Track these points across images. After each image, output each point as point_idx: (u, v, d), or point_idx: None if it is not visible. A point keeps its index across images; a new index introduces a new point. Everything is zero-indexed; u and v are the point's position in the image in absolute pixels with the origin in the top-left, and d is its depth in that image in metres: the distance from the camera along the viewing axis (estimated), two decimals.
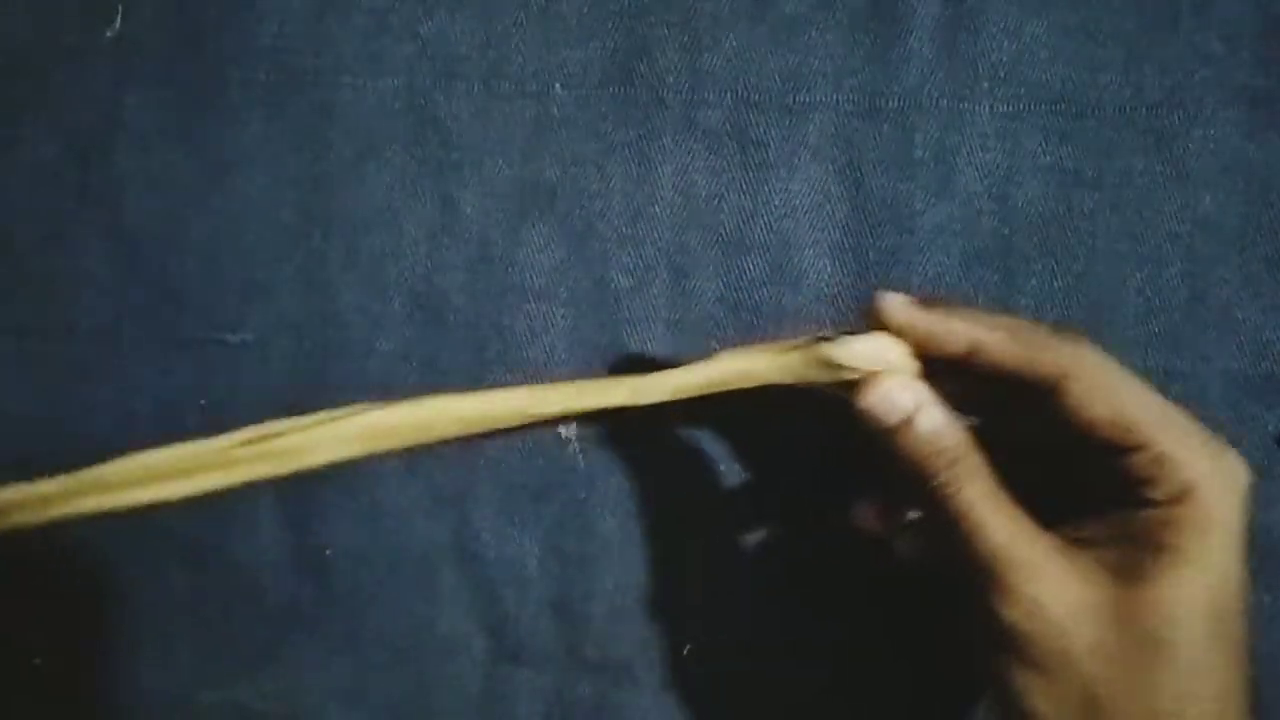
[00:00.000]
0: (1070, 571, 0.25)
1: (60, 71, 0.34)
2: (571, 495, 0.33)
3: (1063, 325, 0.28)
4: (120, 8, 0.34)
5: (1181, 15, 0.32)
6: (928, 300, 0.28)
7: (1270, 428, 0.32)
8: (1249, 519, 0.26)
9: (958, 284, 0.32)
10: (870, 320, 0.28)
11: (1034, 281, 0.32)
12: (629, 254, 0.33)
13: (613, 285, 0.33)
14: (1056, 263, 0.32)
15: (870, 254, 0.33)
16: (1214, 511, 0.25)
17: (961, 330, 0.27)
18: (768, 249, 0.33)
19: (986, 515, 0.26)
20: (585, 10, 0.33)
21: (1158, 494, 0.26)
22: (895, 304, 0.27)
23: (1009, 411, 0.28)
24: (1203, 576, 0.25)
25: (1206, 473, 0.25)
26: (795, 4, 0.33)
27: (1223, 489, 0.26)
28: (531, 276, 0.33)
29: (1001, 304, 0.32)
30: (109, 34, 0.34)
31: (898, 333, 0.27)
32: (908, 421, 0.27)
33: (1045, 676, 0.25)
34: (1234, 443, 0.32)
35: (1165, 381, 0.32)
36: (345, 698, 0.34)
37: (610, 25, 0.33)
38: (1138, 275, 0.32)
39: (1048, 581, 0.25)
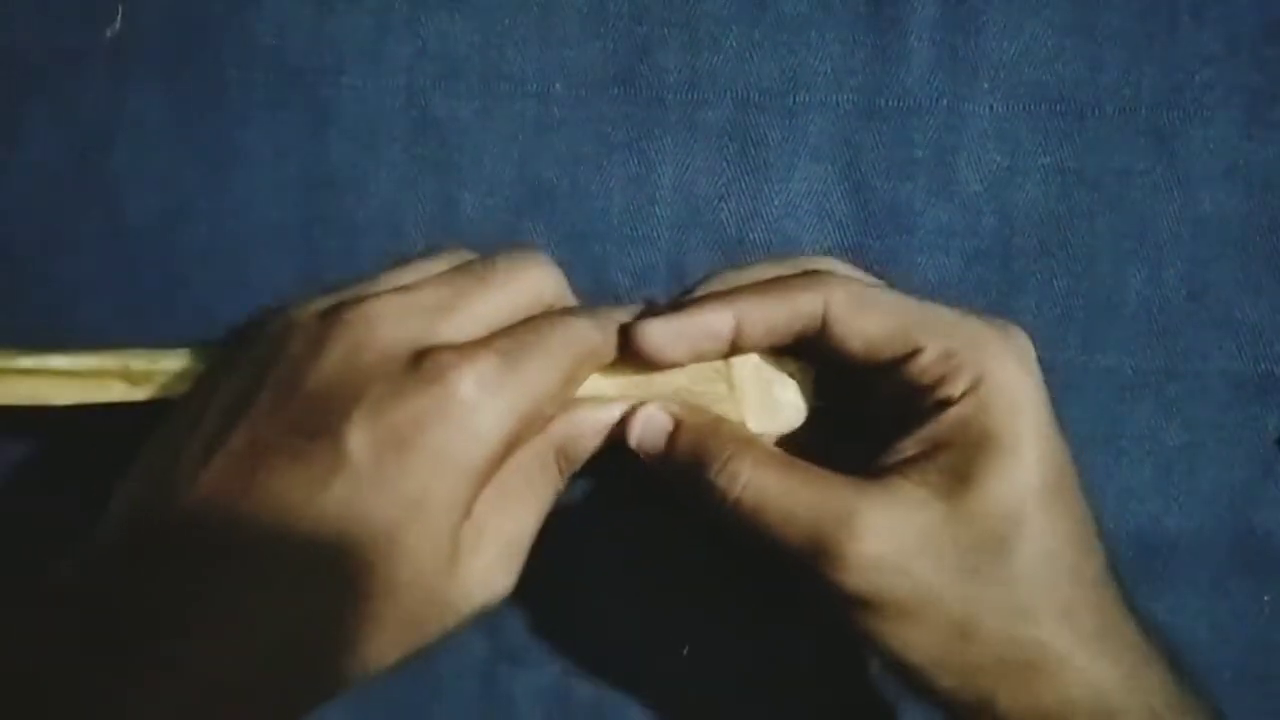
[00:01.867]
0: (893, 505, 0.24)
1: (60, 71, 0.34)
2: (570, 494, 0.33)
3: (807, 260, 0.28)
4: (120, 8, 0.34)
5: (1181, 15, 0.32)
6: (678, 303, 0.27)
7: (1270, 428, 0.32)
8: (1046, 386, 0.25)
9: (958, 284, 0.33)
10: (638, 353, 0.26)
11: (1034, 281, 0.32)
12: (629, 254, 0.33)
13: (613, 285, 0.33)
14: (1056, 263, 0.32)
15: (870, 254, 0.33)
16: (1013, 389, 0.24)
17: (720, 321, 0.26)
18: (768, 249, 0.33)
19: (787, 488, 0.25)
20: (585, 10, 0.33)
21: (953, 390, 0.24)
22: (655, 335, 0.26)
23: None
24: (1025, 459, 0.24)
25: (993, 354, 0.24)
26: (795, 4, 0.33)
27: (1014, 364, 0.25)
28: None
29: (1001, 304, 0.32)
30: (109, 34, 0.34)
31: (668, 360, 0.26)
32: (675, 434, 0.26)
33: (909, 621, 0.24)
34: (1234, 443, 0.32)
35: (1165, 381, 0.32)
36: (345, 697, 0.34)
37: (610, 25, 0.33)
38: (1138, 275, 0.32)
39: (872, 528, 0.24)
